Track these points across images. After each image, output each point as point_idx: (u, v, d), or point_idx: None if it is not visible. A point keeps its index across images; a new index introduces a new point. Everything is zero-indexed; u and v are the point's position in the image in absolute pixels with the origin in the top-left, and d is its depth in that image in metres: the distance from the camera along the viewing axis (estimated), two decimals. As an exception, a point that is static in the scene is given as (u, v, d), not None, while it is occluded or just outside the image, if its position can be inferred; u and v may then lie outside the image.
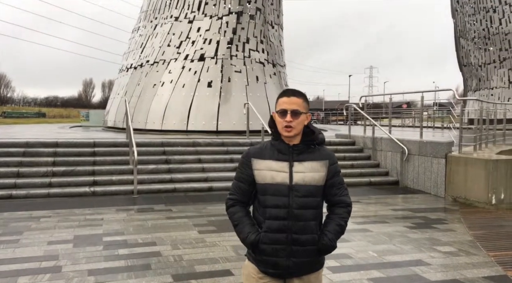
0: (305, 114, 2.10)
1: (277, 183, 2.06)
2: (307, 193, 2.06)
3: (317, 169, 2.10)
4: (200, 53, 16.02)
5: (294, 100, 2.08)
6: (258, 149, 2.16)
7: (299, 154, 2.10)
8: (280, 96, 2.14)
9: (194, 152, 9.66)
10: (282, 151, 2.10)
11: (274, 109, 2.17)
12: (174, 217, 6.54)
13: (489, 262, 4.68)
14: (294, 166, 2.08)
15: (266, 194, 2.07)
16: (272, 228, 2.05)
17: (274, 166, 2.08)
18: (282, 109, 2.08)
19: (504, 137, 10.71)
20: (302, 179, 2.06)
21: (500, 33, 30.09)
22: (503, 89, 29.68)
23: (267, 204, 2.07)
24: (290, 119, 2.05)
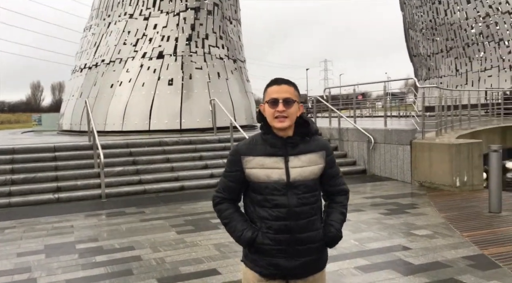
0: (298, 103, 1.94)
1: (273, 181, 1.90)
2: (307, 188, 1.92)
3: (315, 161, 1.95)
4: (158, 50, 15.64)
5: (285, 88, 1.91)
6: (247, 144, 1.97)
7: (294, 147, 1.93)
8: (269, 85, 1.96)
9: (161, 152, 9.42)
10: (275, 145, 1.92)
11: (262, 100, 1.97)
12: (148, 219, 6.35)
13: (465, 243, 4.86)
14: (290, 161, 1.92)
15: (262, 193, 1.92)
16: (273, 229, 1.91)
17: (267, 162, 1.91)
18: (273, 98, 1.90)
19: (460, 122, 11.21)
20: (300, 174, 1.91)
21: (446, 24, 31.47)
22: (451, 77, 31.12)
23: (264, 204, 1.92)
24: (282, 109, 1.87)
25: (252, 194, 1.96)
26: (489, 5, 28.61)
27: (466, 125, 11.28)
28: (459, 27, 30.49)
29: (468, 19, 29.87)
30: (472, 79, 29.59)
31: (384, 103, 10.79)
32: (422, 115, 8.64)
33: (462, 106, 11.68)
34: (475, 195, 7.46)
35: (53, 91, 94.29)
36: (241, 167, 1.94)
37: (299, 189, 1.90)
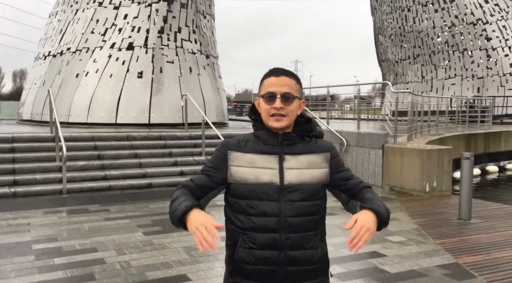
0: (299, 100, 1.64)
1: (263, 183, 1.57)
2: (305, 195, 1.59)
3: (317, 164, 1.64)
4: (128, 41, 15.10)
5: (285, 81, 1.61)
6: (237, 140, 1.69)
7: (291, 145, 1.63)
8: (266, 76, 1.66)
9: (129, 147, 9.03)
10: (268, 141, 1.62)
11: (258, 93, 1.69)
12: (113, 218, 6.01)
13: (439, 250, 4.84)
14: (286, 161, 1.60)
15: (248, 197, 1.58)
16: (258, 243, 1.57)
17: (258, 160, 1.60)
18: (270, 92, 1.60)
19: (429, 128, 11.40)
20: (297, 177, 1.59)
21: (414, 31, 32.28)
22: (417, 83, 31.95)
23: (249, 211, 1.58)
24: (280, 105, 1.57)
25: (233, 199, 1.63)
26: (455, 15, 29.53)
27: (434, 131, 11.48)
28: (426, 35, 31.33)
29: (435, 28, 30.74)
30: (437, 86, 30.46)
31: (357, 106, 10.80)
32: (395, 120, 8.68)
33: (431, 112, 11.88)
34: (444, 201, 7.54)
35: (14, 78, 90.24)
36: (226, 163, 1.64)
37: (295, 195, 1.59)
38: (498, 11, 28.36)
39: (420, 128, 10.54)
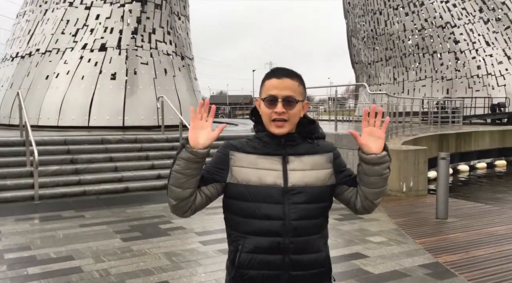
0: (302, 102, 1.59)
1: (266, 185, 1.53)
2: (309, 198, 1.55)
3: (321, 164, 1.60)
4: (100, 42, 14.76)
5: (287, 83, 1.55)
6: (239, 141, 1.65)
7: (294, 147, 1.59)
8: (268, 77, 1.59)
9: (103, 150, 8.79)
10: (271, 143, 1.58)
11: (259, 94, 1.63)
12: (89, 225, 5.81)
13: (419, 250, 4.89)
14: (290, 162, 1.56)
15: (250, 200, 1.54)
16: (261, 248, 1.53)
17: (261, 162, 1.56)
18: (271, 96, 1.54)
19: (403, 129, 11.61)
20: (301, 179, 1.56)
21: (386, 34, 32.96)
22: (389, 85, 32.61)
23: (252, 214, 1.53)
24: (281, 110, 1.53)
25: (234, 201, 1.58)
26: (425, 18, 30.30)
27: (408, 132, 11.70)
28: (397, 37, 32.02)
29: (406, 30, 31.45)
30: (408, 88, 31.16)
31: (335, 107, 10.89)
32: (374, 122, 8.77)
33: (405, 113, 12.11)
34: (420, 200, 7.66)
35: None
36: (227, 164, 1.58)
37: (299, 197, 1.55)
38: (466, 15, 29.26)
39: (396, 129, 10.72)
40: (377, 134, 1.54)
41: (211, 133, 1.50)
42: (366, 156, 1.54)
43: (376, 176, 1.56)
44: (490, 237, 5.40)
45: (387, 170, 1.58)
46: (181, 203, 1.56)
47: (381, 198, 1.65)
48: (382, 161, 1.55)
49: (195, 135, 1.49)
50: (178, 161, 1.50)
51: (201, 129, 1.49)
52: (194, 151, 1.47)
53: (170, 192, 1.56)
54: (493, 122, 20.24)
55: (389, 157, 1.57)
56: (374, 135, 1.54)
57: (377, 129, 1.54)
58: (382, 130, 1.55)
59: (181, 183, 1.52)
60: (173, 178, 1.52)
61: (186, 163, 1.49)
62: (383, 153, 1.55)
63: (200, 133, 1.49)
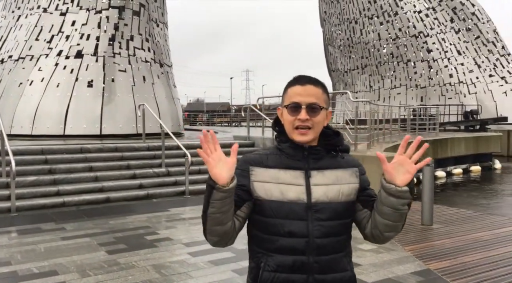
0: (326, 110, 1.54)
1: (289, 200, 1.47)
2: (333, 214, 1.49)
3: (345, 179, 1.54)
4: (76, 49, 14.43)
5: (311, 90, 1.50)
6: (259, 154, 1.58)
7: (317, 160, 1.53)
8: (291, 84, 1.55)
9: (83, 160, 8.53)
10: (293, 155, 1.52)
11: (281, 103, 1.57)
12: (71, 237, 5.59)
13: (409, 257, 4.91)
14: (312, 176, 1.50)
15: (273, 216, 1.48)
16: (284, 266, 1.47)
17: (283, 176, 1.49)
18: (294, 103, 1.50)
19: (384, 136, 11.77)
20: (325, 194, 1.49)
21: (361, 43, 33.58)
22: (365, 92, 33.18)
23: (274, 230, 1.48)
24: (305, 117, 1.47)
25: (257, 217, 1.51)
26: (399, 28, 31.05)
27: (388, 139, 11.86)
28: (373, 46, 32.67)
29: (381, 39, 32.14)
30: (384, 96, 31.76)
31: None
32: (355, 128, 8.86)
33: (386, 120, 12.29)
34: (404, 206, 7.73)
35: None
36: (248, 179, 1.51)
37: (323, 213, 1.48)
38: (438, 24, 30.13)
39: (377, 136, 10.85)
40: (408, 167, 1.41)
41: (230, 161, 1.39)
42: (386, 184, 1.44)
43: (390, 207, 1.46)
44: (476, 243, 5.48)
45: (405, 207, 1.46)
46: (224, 236, 1.49)
47: (393, 233, 1.54)
48: (400, 196, 1.43)
49: (219, 172, 1.37)
50: (212, 204, 1.40)
51: (219, 161, 1.38)
52: (226, 189, 1.38)
53: (210, 232, 1.47)
54: (467, 129, 20.81)
55: (410, 195, 1.44)
56: (404, 167, 1.42)
57: (410, 162, 1.41)
58: (415, 166, 1.42)
59: (221, 221, 1.44)
60: (211, 220, 1.44)
61: (221, 202, 1.40)
62: (404, 188, 1.42)
63: (221, 167, 1.38)
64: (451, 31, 30.00)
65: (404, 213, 1.47)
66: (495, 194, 13.18)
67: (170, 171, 8.82)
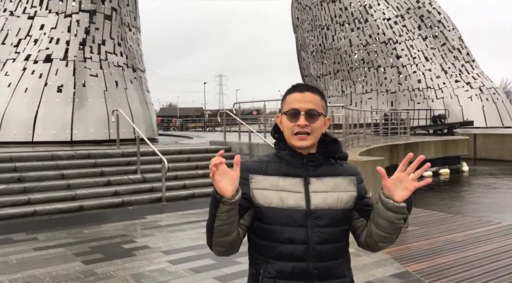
0: (324, 117, 1.57)
1: (289, 207, 1.49)
2: (332, 220, 1.51)
3: (343, 187, 1.56)
4: (45, 53, 14.05)
5: (309, 97, 1.53)
6: (258, 162, 1.59)
7: (316, 167, 1.55)
8: (290, 91, 1.58)
9: (54, 167, 8.27)
10: (292, 163, 1.54)
11: (280, 110, 1.61)
12: (44, 247, 5.39)
13: (388, 259, 4.98)
14: (311, 184, 1.52)
15: (273, 223, 1.49)
16: (284, 273, 1.48)
17: (282, 183, 1.51)
18: (293, 109, 1.52)
19: (358, 140, 11.96)
20: (324, 201, 1.51)
21: (333, 49, 34.15)
22: (338, 97, 33.71)
23: (274, 237, 1.49)
24: (304, 123, 1.50)
25: (257, 223, 1.52)
26: (369, 34, 31.76)
27: (362, 143, 12.06)
28: (344, 52, 33.27)
29: (352, 45, 32.78)
30: (356, 101, 32.36)
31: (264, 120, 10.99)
32: (331, 133, 8.95)
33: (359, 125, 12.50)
34: (380, 210, 7.87)
35: None
36: (248, 187, 1.51)
37: (322, 220, 1.50)
38: (406, 31, 30.99)
39: (351, 140, 11.02)
40: (407, 184, 1.43)
41: (234, 174, 1.39)
42: (384, 198, 1.46)
43: (386, 220, 1.47)
44: (450, 245, 5.62)
45: (401, 221, 1.47)
46: (230, 246, 1.51)
47: (387, 244, 1.56)
48: (398, 211, 1.45)
49: (225, 186, 1.38)
50: (219, 216, 1.41)
51: (224, 176, 1.38)
52: (232, 202, 1.39)
53: (217, 244, 1.49)
54: (435, 133, 21.42)
55: (408, 211, 1.46)
56: (403, 184, 1.44)
57: (410, 180, 1.43)
58: (415, 184, 1.43)
59: (227, 232, 1.46)
60: (217, 232, 1.45)
61: (228, 215, 1.42)
62: (402, 204, 1.43)
63: (226, 180, 1.38)
64: (418, 38, 30.91)
65: (399, 227, 1.49)
66: (465, 196, 13.60)
67: (145, 177, 8.66)
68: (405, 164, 1.45)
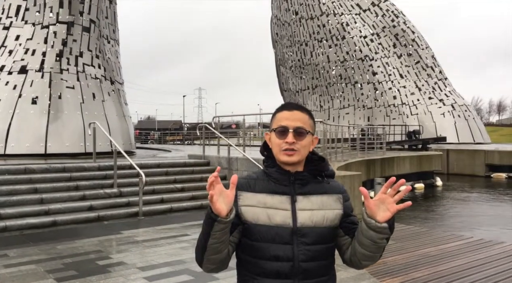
0: (312, 136, 1.62)
1: (276, 224, 1.52)
2: (318, 238, 1.54)
3: (329, 205, 1.59)
4: (20, 64, 13.81)
5: (297, 115, 1.58)
6: (246, 178, 1.63)
7: (303, 185, 1.58)
8: (279, 110, 1.64)
9: (27, 181, 8.05)
10: (280, 180, 1.57)
11: (269, 127, 1.65)
12: (15, 264, 5.22)
13: (365, 274, 5.02)
14: (298, 201, 1.56)
15: (260, 240, 1.52)
16: None
17: (269, 201, 1.54)
18: (282, 127, 1.56)
19: (336, 155, 12.11)
20: (310, 218, 1.54)
21: (312, 64, 34.70)
22: (316, 112, 34.11)
23: (261, 254, 1.52)
24: (292, 140, 1.54)
25: (244, 240, 1.55)
26: (346, 51, 32.44)
27: (340, 157, 12.21)
28: (322, 68, 33.84)
29: (330, 62, 33.39)
30: (333, 115, 32.83)
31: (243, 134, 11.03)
32: (309, 148, 9.04)
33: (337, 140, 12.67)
34: (357, 224, 7.95)
35: None
36: (236, 205, 1.54)
37: (308, 237, 1.52)
38: (381, 49, 31.79)
39: (329, 155, 11.14)
40: (388, 206, 1.45)
41: (230, 195, 1.42)
42: (367, 218, 1.48)
43: (369, 239, 1.50)
44: (425, 259, 5.71)
45: (383, 241, 1.50)
46: (220, 263, 1.54)
47: (370, 262, 1.59)
48: (380, 231, 1.47)
49: (220, 206, 1.40)
50: (213, 235, 1.44)
51: (220, 196, 1.41)
52: (227, 221, 1.43)
53: (208, 261, 1.51)
54: (410, 148, 21.88)
55: (390, 231, 1.48)
56: (385, 205, 1.46)
57: (391, 202, 1.45)
58: (396, 206, 1.45)
59: (219, 250, 1.49)
60: (210, 250, 1.48)
61: (221, 233, 1.45)
62: (384, 224, 1.46)
63: (222, 200, 1.41)
64: (394, 55, 31.74)
65: (382, 246, 1.53)
66: (439, 210, 13.88)
67: (122, 191, 8.53)
68: (388, 186, 1.47)
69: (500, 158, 20.87)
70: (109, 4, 16.48)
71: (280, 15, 37.37)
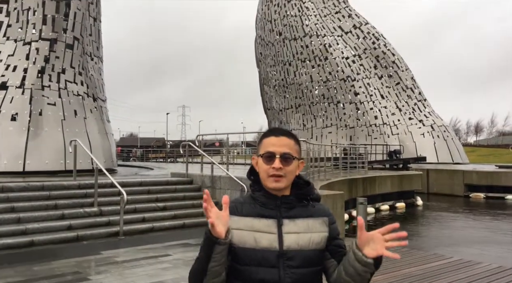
0: (298, 161, 1.64)
1: (262, 248, 1.54)
2: (304, 261, 1.55)
3: (315, 228, 1.60)
4: (0, 80, 13.62)
5: (284, 141, 1.61)
6: (233, 203, 1.64)
7: (289, 209, 1.61)
8: (266, 135, 1.67)
9: (4, 200, 7.83)
10: (266, 204, 1.60)
11: (257, 152, 1.67)
12: (-12, 287, 5.04)
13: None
14: (284, 225, 1.57)
15: (247, 263, 1.54)
16: None
17: (256, 224, 1.56)
18: (269, 152, 1.59)
19: (319, 174, 12.17)
20: (296, 242, 1.55)
21: (295, 84, 35.14)
22: (299, 131, 34.37)
23: (247, 277, 1.54)
24: (279, 165, 1.57)
25: (231, 263, 1.56)
26: (329, 71, 33.00)
27: (322, 176, 12.28)
28: (305, 87, 34.29)
29: (313, 81, 33.87)
30: (316, 134, 33.12)
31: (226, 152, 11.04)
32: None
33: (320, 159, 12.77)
34: (339, 244, 7.95)
35: None
36: None
37: (294, 260, 1.54)
38: (363, 70, 32.45)
39: (312, 174, 11.20)
40: (378, 246, 1.45)
41: (225, 215, 1.45)
42: (355, 249, 1.49)
43: (354, 269, 1.50)
44: (408, 279, 5.73)
45: (367, 275, 1.51)
46: None
47: None
48: (365, 265, 1.48)
49: (220, 230, 1.43)
50: (214, 258, 1.46)
51: (217, 218, 1.43)
52: (227, 242, 1.46)
53: None
54: (391, 167, 22.16)
55: (374, 267, 1.49)
56: (375, 244, 1.46)
57: (382, 244, 1.44)
58: (384, 251, 1.44)
59: (219, 273, 1.50)
60: (211, 274, 1.49)
61: (221, 255, 1.47)
62: (369, 260, 1.46)
63: (219, 222, 1.44)
64: (375, 76, 32.42)
65: (366, 278, 1.53)
66: (420, 229, 14.00)
67: (103, 210, 8.37)
68: (383, 232, 1.46)
69: (478, 178, 21.28)
70: (93, 21, 16.48)
71: (264, 35, 37.92)
